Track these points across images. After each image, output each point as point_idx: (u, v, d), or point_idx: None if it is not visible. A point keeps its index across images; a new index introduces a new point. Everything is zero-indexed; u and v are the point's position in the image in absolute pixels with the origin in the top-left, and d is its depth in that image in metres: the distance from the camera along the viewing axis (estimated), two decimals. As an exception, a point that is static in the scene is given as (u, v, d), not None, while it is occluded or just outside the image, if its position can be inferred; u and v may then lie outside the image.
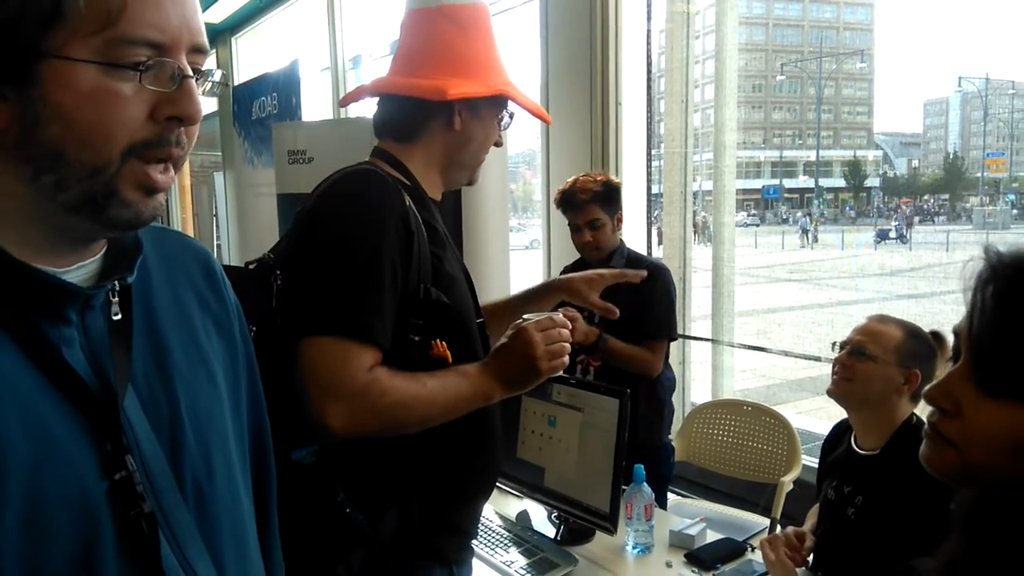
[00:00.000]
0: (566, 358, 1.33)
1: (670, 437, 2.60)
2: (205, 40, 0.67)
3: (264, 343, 1.15)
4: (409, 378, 1.19)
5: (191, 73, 0.65)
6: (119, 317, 0.69)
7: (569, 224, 2.46)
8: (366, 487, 1.22)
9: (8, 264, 0.62)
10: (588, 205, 2.40)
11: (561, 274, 2.59)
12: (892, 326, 1.72)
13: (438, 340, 1.24)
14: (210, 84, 0.69)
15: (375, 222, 1.20)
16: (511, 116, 1.47)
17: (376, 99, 1.43)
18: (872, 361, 1.68)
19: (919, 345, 1.70)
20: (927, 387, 0.75)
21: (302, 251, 1.23)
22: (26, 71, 0.59)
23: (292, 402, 1.14)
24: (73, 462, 0.62)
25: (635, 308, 2.40)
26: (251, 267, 1.27)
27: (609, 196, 2.43)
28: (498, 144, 1.48)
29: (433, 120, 1.37)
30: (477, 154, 1.44)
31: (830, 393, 1.76)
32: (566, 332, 1.34)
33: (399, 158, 1.37)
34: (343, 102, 1.53)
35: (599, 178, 2.46)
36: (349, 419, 1.14)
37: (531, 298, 1.69)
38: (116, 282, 0.69)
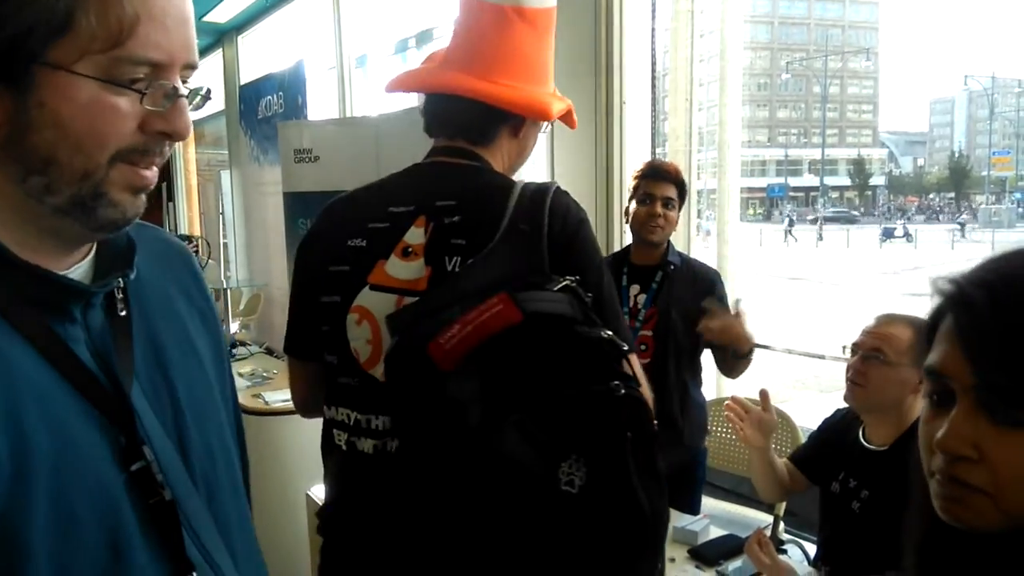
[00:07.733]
0: None
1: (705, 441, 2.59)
2: (197, 57, 0.68)
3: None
4: None
5: (184, 92, 0.66)
6: (125, 313, 0.70)
7: (640, 194, 2.44)
8: None
9: (15, 264, 0.62)
10: (671, 184, 2.44)
11: (609, 260, 2.53)
12: (902, 326, 1.66)
13: None
14: (199, 99, 0.70)
15: None
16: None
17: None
18: (887, 365, 1.63)
19: None
20: (938, 437, 0.64)
21: (587, 273, 1.20)
22: (24, 76, 0.59)
23: None
24: (91, 456, 0.63)
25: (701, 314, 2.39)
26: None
27: (685, 190, 2.51)
28: None
29: (504, 125, 1.33)
30: (525, 161, 1.42)
31: (846, 399, 1.73)
32: None
33: (489, 161, 1.33)
34: (403, 87, 1.40)
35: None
36: None
37: None
38: (120, 279, 0.70)
